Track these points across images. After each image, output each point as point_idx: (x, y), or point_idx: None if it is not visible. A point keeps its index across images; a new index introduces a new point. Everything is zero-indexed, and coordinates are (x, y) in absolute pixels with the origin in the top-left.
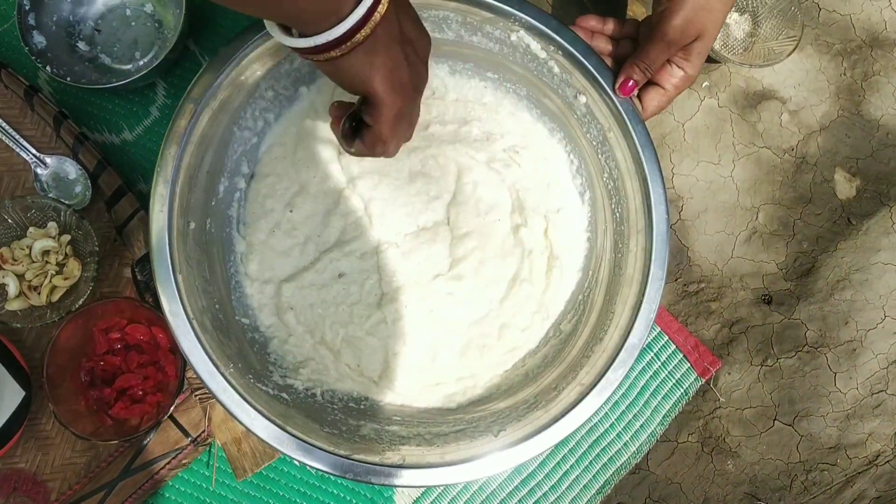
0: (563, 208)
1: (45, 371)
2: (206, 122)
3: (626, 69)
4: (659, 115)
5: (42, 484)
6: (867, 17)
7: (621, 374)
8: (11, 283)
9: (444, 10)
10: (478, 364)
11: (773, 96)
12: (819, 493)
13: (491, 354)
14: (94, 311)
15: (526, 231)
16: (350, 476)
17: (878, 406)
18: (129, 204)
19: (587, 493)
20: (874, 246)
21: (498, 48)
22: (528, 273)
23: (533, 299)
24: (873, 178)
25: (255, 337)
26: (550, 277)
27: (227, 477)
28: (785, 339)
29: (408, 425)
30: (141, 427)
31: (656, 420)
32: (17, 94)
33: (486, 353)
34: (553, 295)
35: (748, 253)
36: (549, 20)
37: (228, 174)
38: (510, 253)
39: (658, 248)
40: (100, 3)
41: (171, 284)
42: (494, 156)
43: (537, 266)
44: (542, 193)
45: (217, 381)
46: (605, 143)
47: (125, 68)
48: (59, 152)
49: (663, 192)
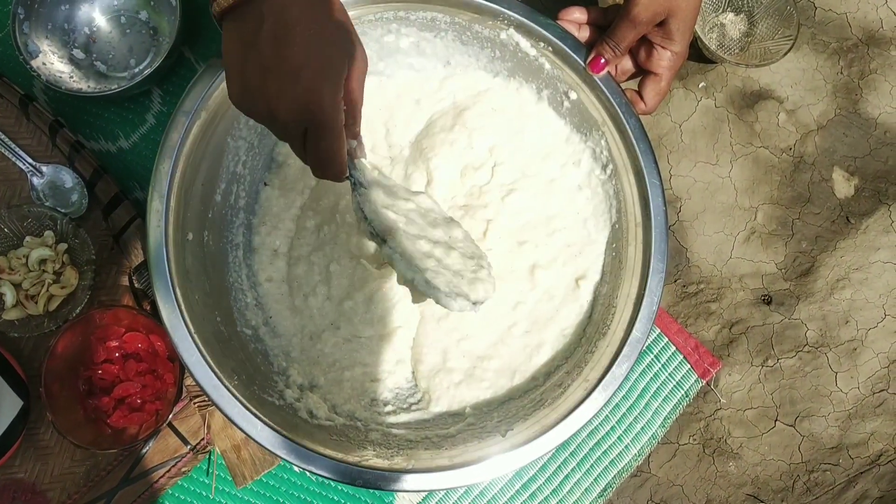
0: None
1: (43, 380)
2: (198, 133)
3: (596, 47)
4: (655, 116)
5: (41, 494)
6: (863, 16)
7: (626, 369)
8: (8, 292)
9: (432, 10)
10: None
11: (770, 96)
12: (821, 494)
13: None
14: (92, 320)
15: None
16: (359, 483)
17: (880, 405)
18: (126, 212)
19: (588, 496)
20: (873, 244)
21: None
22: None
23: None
24: (872, 177)
25: (258, 347)
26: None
27: (227, 484)
28: (785, 339)
29: (415, 429)
30: (140, 435)
31: (657, 422)
32: (12, 102)
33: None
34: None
35: (747, 253)
36: (537, 17)
37: (224, 184)
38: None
39: (657, 240)
40: (95, 11)
41: (171, 298)
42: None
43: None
44: (578, 229)
45: (220, 392)
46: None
47: (120, 76)
48: (54, 161)
49: (660, 184)
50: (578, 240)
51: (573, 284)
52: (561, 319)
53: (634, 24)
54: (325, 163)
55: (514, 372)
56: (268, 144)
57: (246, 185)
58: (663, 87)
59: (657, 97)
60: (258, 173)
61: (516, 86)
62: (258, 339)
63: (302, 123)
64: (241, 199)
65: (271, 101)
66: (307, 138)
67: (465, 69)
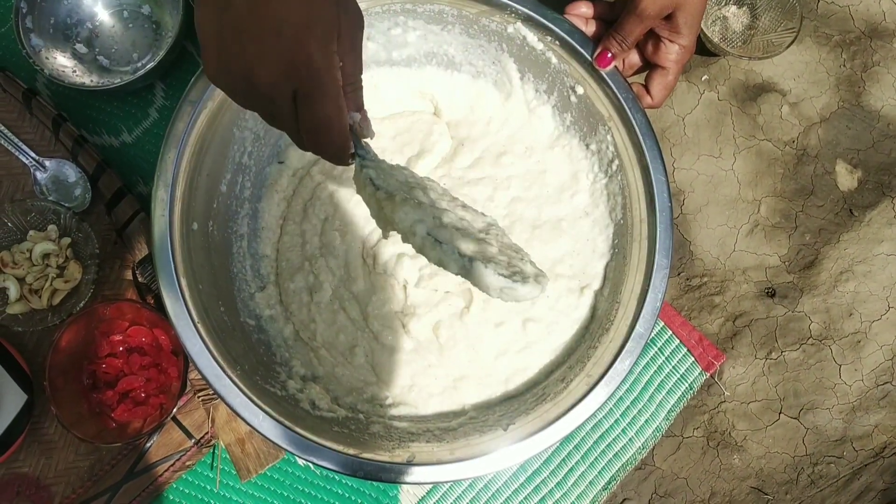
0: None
1: (47, 374)
2: (204, 124)
3: (603, 41)
4: (659, 110)
5: (46, 488)
6: (866, 8)
7: (629, 365)
8: (12, 286)
9: (439, 3)
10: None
11: (772, 88)
12: (826, 486)
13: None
14: (96, 314)
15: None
16: (360, 475)
17: (884, 397)
18: (129, 206)
19: (593, 489)
20: (877, 237)
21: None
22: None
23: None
24: (875, 169)
25: (261, 338)
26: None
27: (231, 478)
28: (789, 331)
29: (417, 422)
30: (144, 429)
31: (661, 415)
32: (15, 97)
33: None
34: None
35: (750, 246)
36: (544, 11)
37: (230, 174)
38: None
39: (662, 236)
40: (97, 6)
41: (175, 288)
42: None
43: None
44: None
45: (223, 383)
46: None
47: (123, 70)
48: (58, 155)
49: (665, 181)
50: (582, 250)
51: (577, 292)
52: (562, 328)
53: (642, 18)
54: (322, 131)
55: (507, 380)
56: (274, 135)
57: (252, 175)
58: (670, 81)
59: (664, 91)
60: (264, 164)
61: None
62: (261, 329)
63: (289, 86)
64: (247, 190)
65: (252, 66)
66: (298, 105)
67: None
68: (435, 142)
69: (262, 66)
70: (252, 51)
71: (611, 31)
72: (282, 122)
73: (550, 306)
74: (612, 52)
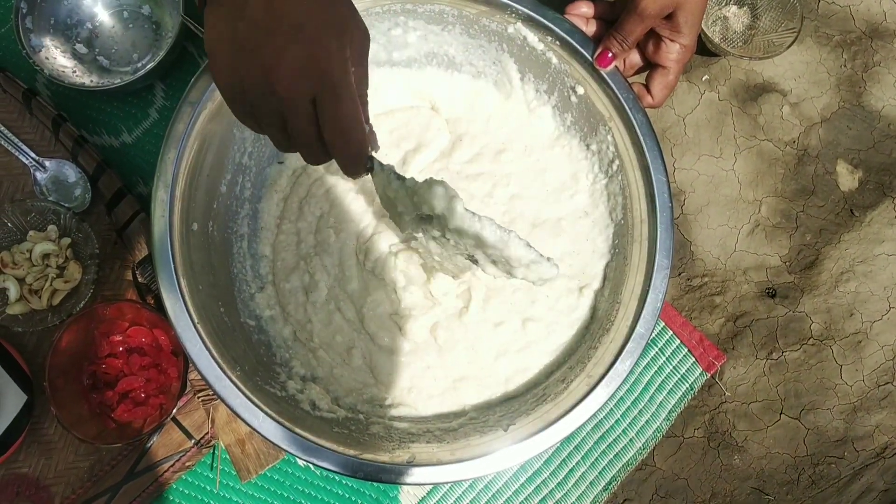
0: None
1: (47, 375)
2: (204, 124)
3: (604, 41)
4: (659, 110)
5: (45, 488)
6: (866, 9)
7: (629, 365)
8: (12, 287)
9: (440, 4)
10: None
11: (773, 89)
12: (827, 487)
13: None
14: (96, 314)
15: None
16: (360, 476)
17: (885, 398)
18: (129, 206)
19: (593, 490)
20: (878, 237)
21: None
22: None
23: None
24: (876, 170)
25: (261, 339)
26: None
27: (231, 479)
28: (790, 332)
29: (417, 423)
30: (144, 430)
31: (662, 415)
32: (15, 97)
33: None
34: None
35: (751, 246)
36: (545, 11)
37: (230, 175)
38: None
39: (662, 237)
40: (97, 6)
41: (175, 288)
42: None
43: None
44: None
45: (223, 383)
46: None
47: (123, 70)
48: (58, 155)
49: (666, 181)
50: (581, 250)
51: (576, 293)
52: (562, 328)
53: (642, 17)
54: (347, 130)
55: (507, 380)
56: None
57: (252, 175)
58: (671, 81)
59: (665, 90)
60: (264, 164)
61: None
62: (261, 330)
63: (310, 86)
64: (247, 190)
65: (270, 66)
66: (319, 106)
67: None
68: (433, 136)
69: (282, 64)
70: (270, 50)
71: (611, 30)
72: (298, 129)
73: (550, 306)
74: (612, 52)
